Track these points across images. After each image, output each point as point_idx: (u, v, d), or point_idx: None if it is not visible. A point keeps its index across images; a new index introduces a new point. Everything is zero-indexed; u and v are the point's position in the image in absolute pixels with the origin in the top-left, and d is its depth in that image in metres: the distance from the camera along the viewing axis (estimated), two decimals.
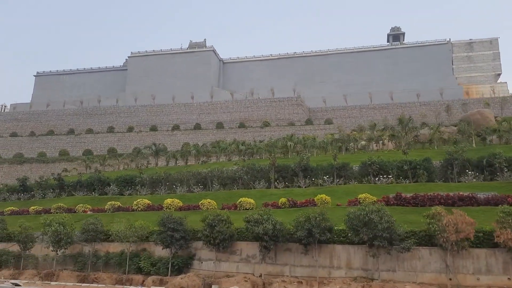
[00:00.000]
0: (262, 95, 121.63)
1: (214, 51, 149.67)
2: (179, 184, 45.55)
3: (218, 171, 45.28)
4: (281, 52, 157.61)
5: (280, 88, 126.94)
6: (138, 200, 39.09)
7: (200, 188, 43.70)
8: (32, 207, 44.19)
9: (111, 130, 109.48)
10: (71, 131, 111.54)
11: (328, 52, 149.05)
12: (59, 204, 43.19)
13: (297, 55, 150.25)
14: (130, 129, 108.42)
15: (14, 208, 45.43)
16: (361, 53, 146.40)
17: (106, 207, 40.14)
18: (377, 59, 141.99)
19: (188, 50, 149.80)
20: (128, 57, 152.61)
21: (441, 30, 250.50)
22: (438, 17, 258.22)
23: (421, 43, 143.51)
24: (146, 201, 38.81)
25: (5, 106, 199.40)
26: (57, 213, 42.25)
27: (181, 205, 37.29)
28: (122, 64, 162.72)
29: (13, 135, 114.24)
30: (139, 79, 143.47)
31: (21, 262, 34.31)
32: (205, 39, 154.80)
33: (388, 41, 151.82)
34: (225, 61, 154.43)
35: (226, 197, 38.27)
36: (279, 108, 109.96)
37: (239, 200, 34.36)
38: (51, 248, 32.35)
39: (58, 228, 31.16)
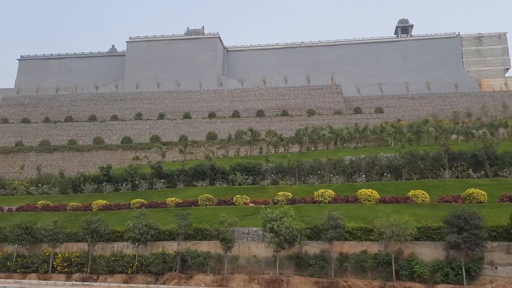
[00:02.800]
0: (270, 84, 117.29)
1: (219, 38, 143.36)
2: (329, 174, 40.59)
3: (370, 158, 40.71)
4: (287, 41, 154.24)
5: (288, 77, 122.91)
6: (321, 190, 33.87)
7: (362, 177, 38.95)
8: (170, 199, 37.83)
9: (139, 117, 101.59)
10: (92, 118, 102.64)
11: (336, 43, 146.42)
12: (206, 195, 37.09)
13: (305, 45, 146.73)
14: (161, 116, 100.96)
15: (142, 201, 38.87)
16: (370, 44, 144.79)
17: (277, 198, 34.58)
18: (386, 51, 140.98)
19: (193, 37, 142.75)
20: (127, 42, 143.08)
21: (448, 24, 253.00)
22: (445, 10, 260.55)
23: (431, 36, 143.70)
24: (331, 191, 33.67)
25: None
26: (206, 205, 36.46)
27: (379, 197, 32.47)
28: (108, 50, 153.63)
29: (25, 121, 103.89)
30: (139, 66, 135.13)
31: (220, 266, 28.48)
32: (203, 26, 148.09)
33: (395, 33, 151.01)
34: (229, 49, 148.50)
35: (420, 188, 33.55)
36: (318, 96, 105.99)
37: (470, 191, 30.05)
38: (271, 248, 26.83)
39: (291, 223, 25.74)
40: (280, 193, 34.99)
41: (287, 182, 40.98)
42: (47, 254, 31.81)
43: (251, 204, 35.53)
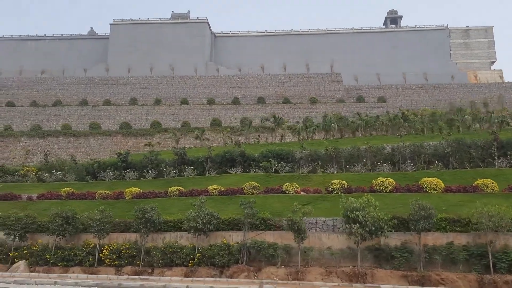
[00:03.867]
0: (256, 71, 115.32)
1: (208, 23, 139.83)
2: (370, 162, 39.05)
3: (415, 146, 39.48)
4: (277, 29, 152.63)
5: (275, 65, 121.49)
6: (380, 179, 32.26)
7: (410, 165, 37.63)
8: (212, 187, 35.41)
9: (134, 102, 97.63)
10: (84, 102, 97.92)
11: (327, 31, 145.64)
12: (252, 183, 34.86)
13: (295, 33, 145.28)
14: (157, 102, 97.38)
15: (180, 188, 36.33)
16: (361, 34, 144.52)
17: (332, 186, 32.78)
18: (377, 41, 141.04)
19: (180, 21, 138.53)
20: (110, 24, 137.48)
21: (436, 15, 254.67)
22: (433, 1, 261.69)
23: (420, 27, 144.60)
24: (392, 180, 32.12)
25: None
26: (252, 194, 34.27)
27: (444, 186, 31.13)
28: (87, 33, 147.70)
29: (10, 104, 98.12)
30: (124, 49, 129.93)
31: (289, 258, 26.57)
32: (188, 10, 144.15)
33: (385, 23, 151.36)
34: (217, 34, 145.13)
35: (478, 176, 32.46)
36: (318, 84, 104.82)
37: None
38: (351, 239, 25.12)
39: (377, 213, 24.09)
40: (334, 181, 33.18)
41: (328, 170, 39.22)
42: (91, 246, 29.05)
43: (302, 193, 33.63)
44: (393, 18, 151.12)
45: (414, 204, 24.55)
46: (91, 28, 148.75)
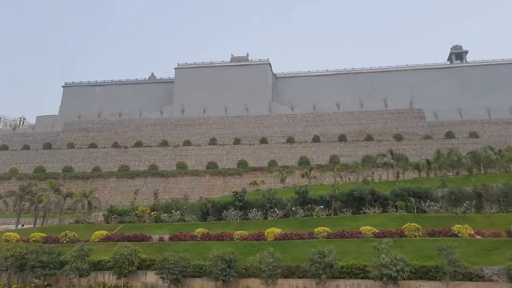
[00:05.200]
0: (320, 110, 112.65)
1: (270, 64, 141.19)
2: None
3: None
4: (338, 68, 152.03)
5: (340, 103, 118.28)
6: None
7: None
8: (365, 228, 32.11)
9: (213, 142, 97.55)
10: (164, 143, 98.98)
11: (389, 69, 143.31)
12: (413, 225, 31.33)
13: (356, 71, 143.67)
14: (237, 141, 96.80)
15: (326, 229, 33.40)
16: (424, 70, 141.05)
17: None
18: (442, 77, 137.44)
19: (243, 63, 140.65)
20: (175, 68, 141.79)
21: (503, 48, 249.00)
22: (498, 35, 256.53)
23: (488, 62, 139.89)
24: None
25: (24, 119, 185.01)
26: (414, 236, 30.78)
27: None
28: (147, 78, 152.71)
29: (92, 146, 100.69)
30: (188, 92, 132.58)
31: None
32: (247, 53, 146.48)
33: (449, 59, 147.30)
34: (278, 75, 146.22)
35: None
36: (398, 120, 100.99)
37: None
38: None
39: None
40: None
41: (484, 210, 35.20)
42: None
43: (478, 237, 29.77)
44: (458, 53, 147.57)
45: None
46: (152, 73, 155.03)
